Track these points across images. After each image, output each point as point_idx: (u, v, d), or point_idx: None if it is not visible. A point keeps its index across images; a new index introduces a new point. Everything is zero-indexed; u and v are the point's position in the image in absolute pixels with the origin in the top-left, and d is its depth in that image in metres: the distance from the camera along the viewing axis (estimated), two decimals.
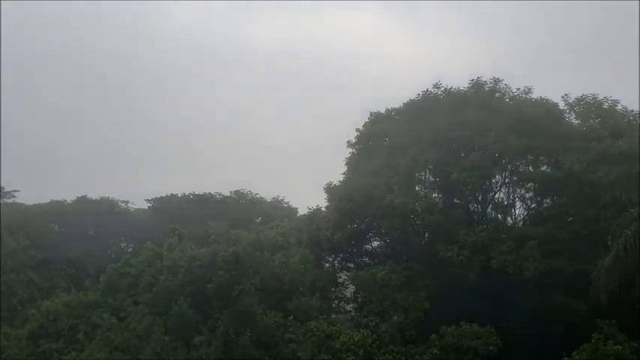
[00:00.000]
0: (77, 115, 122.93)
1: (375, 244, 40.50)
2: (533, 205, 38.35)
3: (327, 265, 40.35)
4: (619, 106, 37.35)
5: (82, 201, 63.28)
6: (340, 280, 39.79)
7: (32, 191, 67.27)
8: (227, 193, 63.20)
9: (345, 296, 39.40)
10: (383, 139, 41.46)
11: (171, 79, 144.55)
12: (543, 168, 37.68)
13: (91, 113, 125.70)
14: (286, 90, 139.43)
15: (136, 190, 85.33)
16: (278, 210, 61.34)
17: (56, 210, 62.67)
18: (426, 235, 38.43)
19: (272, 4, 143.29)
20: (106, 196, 63.87)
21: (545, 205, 37.76)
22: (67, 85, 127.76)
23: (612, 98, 37.39)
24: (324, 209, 39.46)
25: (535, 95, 38.56)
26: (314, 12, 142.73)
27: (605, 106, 37.25)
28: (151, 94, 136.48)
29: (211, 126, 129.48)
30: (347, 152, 42.41)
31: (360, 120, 42.22)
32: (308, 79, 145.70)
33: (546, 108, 37.56)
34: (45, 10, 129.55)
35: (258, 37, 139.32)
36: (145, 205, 64.27)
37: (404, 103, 41.23)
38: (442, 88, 39.57)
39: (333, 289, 39.35)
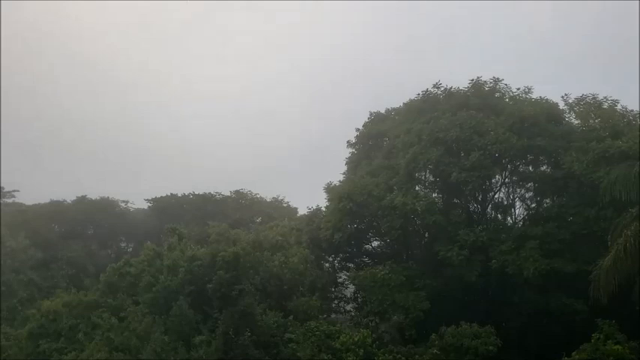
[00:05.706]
0: (78, 115, 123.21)
1: (375, 244, 40.56)
2: (533, 205, 38.37)
3: (327, 265, 40.35)
4: (619, 106, 37.41)
5: (82, 201, 63.30)
6: (340, 280, 39.80)
7: (32, 191, 67.29)
8: (227, 193, 63.29)
9: (345, 296, 39.38)
10: (383, 139, 41.54)
11: (171, 79, 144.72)
12: (543, 168, 37.71)
13: (91, 113, 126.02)
14: (286, 90, 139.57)
15: (136, 190, 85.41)
16: (278, 210, 61.31)
17: (56, 210, 62.70)
18: (426, 235, 38.44)
19: (272, 4, 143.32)
20: (106, 196, 63.99)
21: (545, 205, 37.76)
22: (67, 84, 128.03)
23: (612, 98, 37.52)
24: (324, 209, 39.50)
25: (535, 95, 38.68)
26: (315, 12, 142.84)
27: (605, 106, 37.29)
28: (152, 93, 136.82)
29: (211, 125, 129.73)
30: (347, 152, 42.60)
31: (360, 120, 42.39)
32: (308, 79, 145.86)
33: (546, 108, 37.58)
34: (43, 6, 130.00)
35: (257, 37, 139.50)
36: (145, 205, 64.37)
37: (404, 103, 41.36)
38: (442, 88, 39.65)
39: (333, 289, 39.34)
